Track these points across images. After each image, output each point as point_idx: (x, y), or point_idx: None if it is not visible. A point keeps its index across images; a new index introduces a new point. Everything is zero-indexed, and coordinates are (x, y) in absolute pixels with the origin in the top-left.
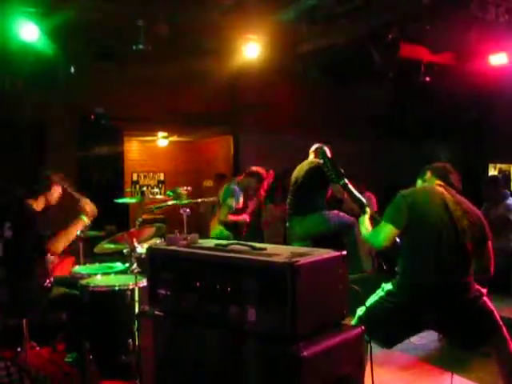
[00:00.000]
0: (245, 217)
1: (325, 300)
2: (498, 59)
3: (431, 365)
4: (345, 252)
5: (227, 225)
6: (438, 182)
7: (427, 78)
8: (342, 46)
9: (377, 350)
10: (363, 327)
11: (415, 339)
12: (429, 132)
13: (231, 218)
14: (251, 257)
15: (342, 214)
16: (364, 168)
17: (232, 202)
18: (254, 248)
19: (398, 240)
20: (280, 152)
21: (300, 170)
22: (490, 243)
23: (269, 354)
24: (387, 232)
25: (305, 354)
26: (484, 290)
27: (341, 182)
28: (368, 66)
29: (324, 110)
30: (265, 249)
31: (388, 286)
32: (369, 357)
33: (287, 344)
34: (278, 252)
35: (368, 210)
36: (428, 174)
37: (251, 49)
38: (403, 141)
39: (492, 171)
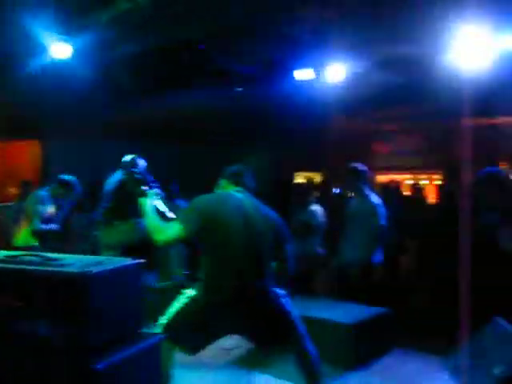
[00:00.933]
0: (53, 226)
1: (121, 309)
2: (303, 74)
3: (238, 365)
4: (142, 260)
5: (36, 234)
6: (234, 186)
7: (238, 89)
8: (155, 53)
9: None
10: (162, 335)
11: (225, 344)
12: (241, 140)
13: (41, 226)
14: (42, 268)
15: None
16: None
17: (40, 210)
18: (46, 258)
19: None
20: (91, 160)
21: (110, 180)
22: (288, 246)
23: (64, 367)
24: (175, 232)
25: (99, 366)
26: (283, 292)
27: (140, 191)
28: (180, 74)
29: (137, 118)
30: (59, 259)
31: (190, 291)
32: (171, 363)
33: (81, 357)
34: (73, 262)
35: (151, 192)
36: (224, 180)
37: (61, 50)
38: (214, 148)
39: (299, 179)
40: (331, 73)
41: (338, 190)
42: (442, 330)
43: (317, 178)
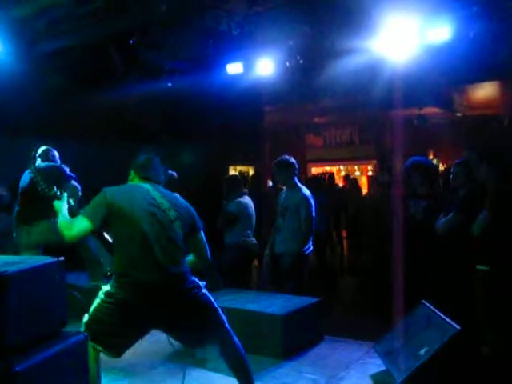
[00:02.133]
0: None
1: (42, 309)
2: (234, 68)
3: (171, 363)
4: (62, 258)
5: None
6: (143, 177)
7: (169, 84)
8: (85, 48)
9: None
10: (85, 334)
11: (147, 342)
12: (174, 134)
13: None
14: None
15: None
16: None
17: None
18: None
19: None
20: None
21: (24, 178)
22: (201, 234)
23: None
24: (82, 227)
25: (17, 368)
26: (203, 283)
27: (51, 193)
28: (110, 69)
29: (68, 113)
30: None
31: (106, 287)
32: (97, 364)
33: (0, 359)
34: None
35: (66, 197)
36: (132, 172)
37: None
38: (148, 143)
39: (232, 172)
40: (261, 66)
41: (271, 183)
42: (372, 315)
43: (250, 171)
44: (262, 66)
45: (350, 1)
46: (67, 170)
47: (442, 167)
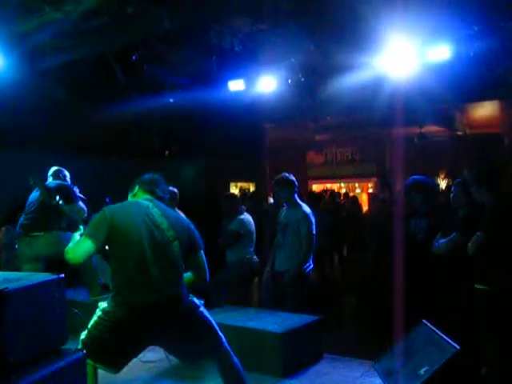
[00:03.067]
0: None
1: (41, 326)
2: (236, 85)
3: (167, 380)
4: (62, 275)
5: None
6: (146, 195)
7: (171, 99)
8: (88, 63)
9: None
10: (84, 351)
11: (145, 357)
12: (176, 150)
13: None
14: None
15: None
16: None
17: None
18: None
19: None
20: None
21: (34, 193)
22: (201, 253)
23: None
24: (86, 247)
25: None
26: (201, 302)
27: (53, 201)
28: (113, 85)
29: (64, 128)
30: None
31: (104, 305)
32: (95, 381)
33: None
34: None
35: (81, 228)
36: (136, 188)
37: None
38: (150, 159)
39: (233, 189)
40: (263, 83)
41: (273, 200)
42: (372, 333)
43: (251, 187)
44: (264, 83)
45: (352, 19)
46: (77, 190)
47: (444, 185)
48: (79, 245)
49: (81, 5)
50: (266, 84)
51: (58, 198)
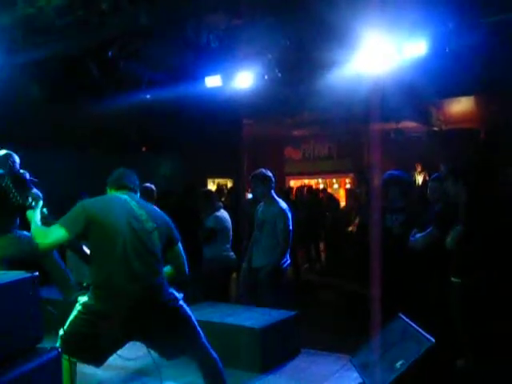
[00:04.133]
0: None
1: (16, 324)
2: (213, 81)
3: (147, 376)
4: (36, 273)
5: None
6: (119, 187)
7: (148, 95)
8: (63, 59)
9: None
10: (59, 350)
11: (126, 353)
12: (153, 146)
13: None
14: None
15: None
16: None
17: None
18: None
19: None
20: None
21: None
22: (179, 245)
23: None
24: (59, 236)
25: None
26: (181, 295)
27: (27, 204)
28: (89, 81)
29: (40, 124)
30: None
31: (84, 299)
32: (72, 378)
33: None
34: None
35: (40, 206)
36: (108, 188)
37: None
38: (126, 154)
39: (211, 185)
40: (240, 79)
41: (250, 196)
42: (349, 328)
43: (229, 183)
44: (241, 79)
45: (329, 15)
46: (27, 176)
47: (419, 180)
48: (51, 232)
49: (54, 0)
50: (243, 80)
51: (30, 199)
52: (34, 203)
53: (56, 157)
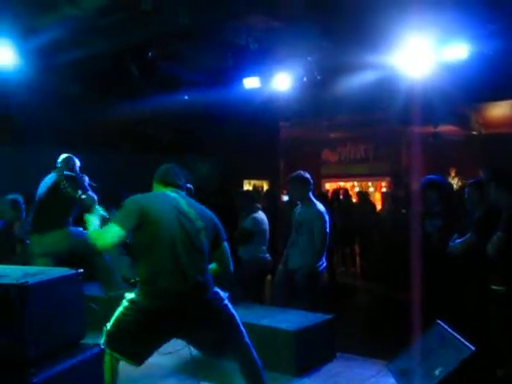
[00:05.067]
0: None
1: (60, 320)
2: (251, 83)
3: (183, 375)
4: (81, 270)
5: None
6: (166, 184)
7: (186, 96)
8: (103, 59)
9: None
10: (102, 347)
11: (166, 350)
12: (190, 147)
13: None
14: None
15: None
16: (121, 181)
17: None
18: None
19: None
20: (34, 166)
21: (43, 185)
22: (225, 244)
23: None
24: (114, 234)
25: (35, 380)
26: (225, 294)
27: (76, 196)
28: (128, 81)
29: (84, 122)
30: None
31: (131, 295)
32: (113, 375)
33: (18, 370)
34: (8, 273)
35: (98, 208)
36: (155, 184)
37: (5, 55)
38: (162, 155)
39: (247, 186)
40: (278, 81)
41: (287, 198)
42: (385, 333)
43: (265, 185)
44: (279, 81)
45: (369, 17)
46: (87, 179)
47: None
48: (106, 231)
49: (97, 1)
50: (281, 82)
51: (80, 192)
52: (83, 196)
53: (93, 155)
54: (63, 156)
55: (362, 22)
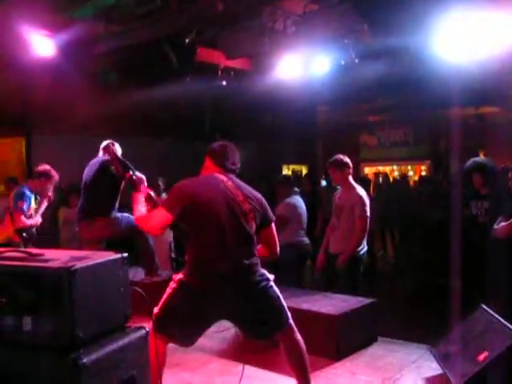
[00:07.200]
0: (37, 219)
1: (106, 303)
2: (289, 67)
3: (226, 359)
4: (126, 254)
5: (18, 230)
6: (218, 165)
7: (224, 82)
8: (140, 47)
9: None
10: (150, 329)
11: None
12: (227, 133)
13: (24, 222)
14: (26, 263)
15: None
16: (161, 168)
17: (23, 206)
18: (30, 254)
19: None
20: (78, 154)
21: (89, 170)
22: (272, 225)
23: (49, 363)
24: (161, 218)
25: (85, 361)
26: (272, 276)
27: (128, 172)
28: (166, 68)
29: (123, 111)
30: (42, 254)
31: (179, 276)
32: (158, 356)
33: (67, 352)
34: (56, 257)
35: (144, 188)
36: (207, 161)
37: (44, 46)
38: (201, 142)
39: (286, 171)
40: (316, 65)
41: (324, 183)
42: (426, 318)
43: (304, 169)
44: (317, 65)
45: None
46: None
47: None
48: (154, 216)
49: None
50: (319, 66)
51: (131, 171)
52: (135, 175)
53: (133, 143)
54: (106, 142)
55: (401, 2)
